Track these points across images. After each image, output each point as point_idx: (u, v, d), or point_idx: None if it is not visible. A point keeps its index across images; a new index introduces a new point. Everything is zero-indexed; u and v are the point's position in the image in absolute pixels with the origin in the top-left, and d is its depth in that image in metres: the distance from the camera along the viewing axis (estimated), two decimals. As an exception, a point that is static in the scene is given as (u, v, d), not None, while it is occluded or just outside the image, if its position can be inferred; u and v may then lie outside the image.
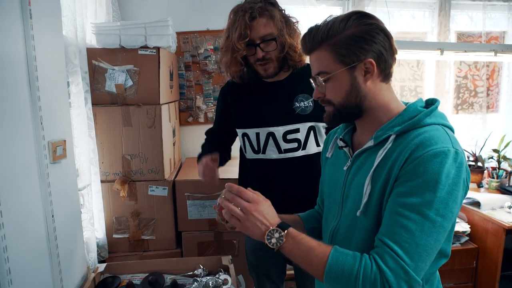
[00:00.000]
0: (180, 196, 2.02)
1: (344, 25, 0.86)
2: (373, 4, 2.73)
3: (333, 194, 1.02)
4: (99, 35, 1.83)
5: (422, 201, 0.77)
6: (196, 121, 2.60)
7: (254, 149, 1.53)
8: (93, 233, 1.79)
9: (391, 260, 0.76)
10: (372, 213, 0.86)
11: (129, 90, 1.90)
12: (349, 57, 0.86)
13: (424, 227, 0.76)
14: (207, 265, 1.69)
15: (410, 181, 0.79)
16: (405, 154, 0.81)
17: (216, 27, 2.53)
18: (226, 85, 1.62)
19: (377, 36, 0.85)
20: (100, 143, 1.91)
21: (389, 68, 0.89)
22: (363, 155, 0.93)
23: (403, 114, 0.88)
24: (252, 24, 1.36)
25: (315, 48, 0.90)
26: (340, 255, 0.81)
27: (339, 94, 0.89)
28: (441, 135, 0.81)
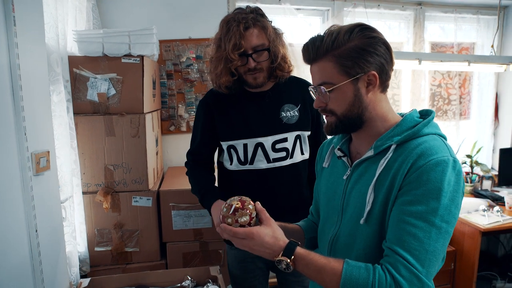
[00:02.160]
0: (165, 206, 1.99)
1: (348, 37, 0.87)
2: (351, 15, 2.80)
3: (331, 202, 1.03)
4: (81, 43, 1.79)
5: (427, 209, 0.80)
6: (178, 130, 2.57)
7: (240, 160, 1.51)
8: (75, 247, 1.73)
9: (404, 269, 0.79)
10: (374, 221, 0.88)
11: (112, 99, 1.86)
12: (353, 69, 0.87)
13: (431, 234, 0.79)
14: (195, 276, 1.67)
15: (414, 190, 0.81)
16: (407, 164, 0.83)
17: (198, 36, 2.52)
18: (209, 97, 1.56)
19: (380, 49, 0.88)
20: (82, 153, 1.86)
21: (388, 79, 0.92)
22: (363, 164, 0.94)
23: (402, 124, 0.90)
24: (245, 34, 1.36)
25: (319, 59, 0.91)
26: (353, 269, 0.82)
27: (342, 105, 0.91)
28: (440, 144, 0.85)
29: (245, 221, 0.92)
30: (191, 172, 1.63)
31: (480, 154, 3.12)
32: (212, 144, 1.59)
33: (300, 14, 2.77)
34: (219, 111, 1.52)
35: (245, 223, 0.91)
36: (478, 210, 2.56)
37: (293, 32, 2.69)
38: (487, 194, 2.82)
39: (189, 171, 1.64)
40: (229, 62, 1.38)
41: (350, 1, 2.78)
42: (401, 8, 2.93)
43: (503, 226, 2.37)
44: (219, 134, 1.53)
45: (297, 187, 1.55)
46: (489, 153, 3.30)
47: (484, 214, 2.49)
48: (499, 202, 2.70)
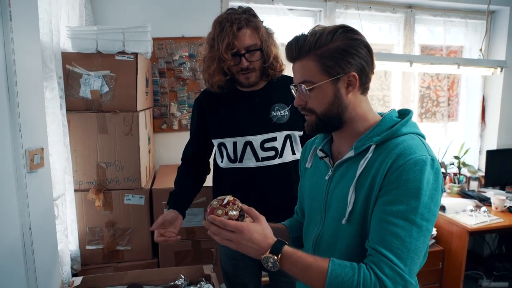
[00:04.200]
0: (157, 204, 1.98)
1: (331, 37, 0.89)
2: (343, 16, 2.84)
3: (314, 203, 1.04)
4: (75, 39, 1.77)
5: (407, 208, 0.81)
6: (170, 128, 2.56)
7: (230, 158, 1.52)
8: (66, 245, 1.71)
9: (387, 268, 0.80)
10: (356, 221, 0.90)
11: (105, 96, 1.85)
12: (334, 69, 0.89)
13: (412, 232, 0.81)
14: (188, 275, 1.67)
15: (394, 190, 0.83)
16: (387, 164, 0.85)
17: (191, 34, 2.52)
18: (201, 95, 1.60)
19: (361, 51, 0.89)
20: (74, 151, 1.84)
21: (369, 81, 0.94)
22: (344, 165, 0.95)
23: (381, 124, 0.92)
24: (238, 35, 1.37)
25: (301, 57, 0.92)
26: (339, 267, 0.83)
27: (322, 104, 0.92)
28: (418, 144, 0.87)
29: (234, 215, 0.93)
30: (177, 175, 1.67)
31: (467, 156, 3.18)
32: (203, 143, 1.61)
33: (292, 14, 2.79)
34: (211, 109, 1.54)
35: (233, 217, 0.93)
36: (466, 211, 2.62)
37: (285, 32, 2.71)
38: (474, 194, 2.89)
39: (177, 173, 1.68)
40: (222, 62, 1.39)
41: (342, 3, 2.82)
42: (392, 10, 2.97)
43: (489, 226, 2.43)
44: (210, 132, 1.55)
45: (287, 187, 1.55)
46: (476, 155, 3.38)
47: (471, 215, 2.54)
48: (485, 203, 2.76)
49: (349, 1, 2.81)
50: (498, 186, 3.11)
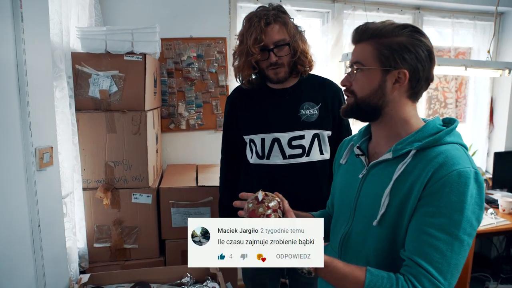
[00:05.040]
0: (164, 203, 2.00)
1: (397, 32, 0.89)
2: (351, 17, 2.83)
3: (345, 199, 1.04)
4: (84, 40, 1.80)
5: (450, 222, 0.80)
6: (178, 128, 2.58)
7: (258, 154, 1.54)
8: (74, 243, 1.73)
9: (427, 282, 0.79)
10: (387, 224, 0.89)
11: (114, 96, 1.87)
12: (388, 60, 0.89)
13: (454, 247, 0.80)
14: (194, 273, 1.68)
15: (437, 201, 0.81)
16: (428, 172, 0.83)
17: (199, 35, 2.53)
18: (233, 93, 1.65)
19: (421, 53, 0.88)
20: (83, 150, 1.86)
21: (419, 88, 0.92)
22: (380, 165, 0.95)
23: (423, 130, 0.90)
24: (266, 30, 1.40)
25: (363, 40, 0.93)
26: (376, 279, 0.83)
27: (364, 88, 0.92)
28: (462, 155, 0.85)
29: (275, 205, 0.93)
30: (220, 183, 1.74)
31: (475, 157, 3.16)
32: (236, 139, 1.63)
33: (300, 16, 2.79)
34: (242, 106, 1.58)
35: (276, 207, 0.93)
36: (473, 213, 2.59)
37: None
38: (481, 196, 2.86)
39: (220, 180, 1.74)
40: (250, 56, 1.42)
41: (350, 4, 2.81)
42: (400, 12, 2.96)
43: (496, 228, 2.41)
44: (240, 128, 1.58)
45: (313, 187, 1.55)
46: (484, 157, 3.35)
47: (478, 217, 2.52)
48: (493, 205, 2.73)
49: (357, 2, 2.80)
50: (505, 188, 3.08)
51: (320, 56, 2.77)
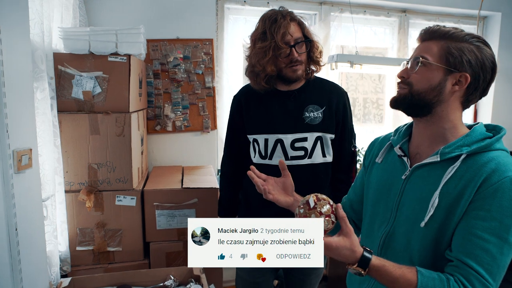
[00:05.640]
0: (149, 206, 1.98)
1: (468, 38, 0.92)
2: (338, 19, 2.85)
3: (384, 199, 1.04)
4: (67, 40, 1.77)
5: (501, 226, 0.83)
6: (164, 129, 2.56)
7: (261, 154, 1.56)
8: (55, 246, 1.70)
9: (478, 283, 0.83)
10: (435, 225, 0.91)
11: (97, 97, 1.85)
12: (455, 62, 0.91)
13: (503, 250, 0.84)
14: (178, 276, 1.67)
15: (488, 206, 0.84)
16: (480, 177, 0.86)
17: (186, 36, 2.52)
18: (240, 92, 1.66)
19: (487, 65, 0.92)
20: (65, 152, 1.84)
21: (473, 97, 0.95)
22: (425, 168, 0.96)
23: (471, 135, 0.92)
24: (290, 26, 1.44)
25: (432, 39, 0.95)
26: (428, 280, 0.85)
27: (423, 82, 0.94)
28: (510, 162, 0.88)
29: (328, 210, 0.90)
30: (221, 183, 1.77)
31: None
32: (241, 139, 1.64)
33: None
34: (248, 105, 1.60)
35: (328, 212, 0.90)
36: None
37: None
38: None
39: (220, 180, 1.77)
40: (278, 50, 1.43)
41: (337, 6, 2.83)
42: (386, 14, 2.98)
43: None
44: (246, 128, 1.60)
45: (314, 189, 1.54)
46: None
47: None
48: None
49: (344, 5, 2.82)
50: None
51: (307, 58, 2.78)
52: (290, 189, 1.20)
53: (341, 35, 2.88)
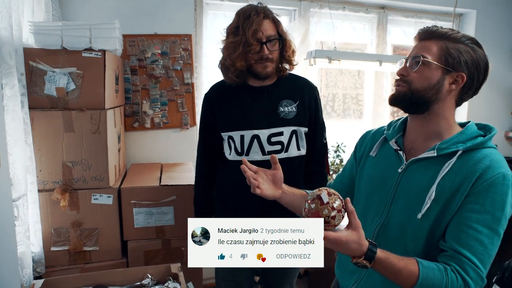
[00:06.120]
0: (126, 204, 1.95)
1: (464, 39, 0.96)
2: (317, 15, 2.85)
3: (378, 192, 1.07)
4: (38, 35, 1.72)
5: (493, 218, 0.90)
6: (142, 126, 2.52)
7: (237, 151, 1.55)
8: (28, 247, 1.66)
9: (472, 272, 0.90)
10: (431, 217, 0.96)
11: (72, 93, 1.80)
12: (453, 62, 0.95)
13: (494, 240, 0.91)
14: (155, 274, 1.65)
15: (482, 200, 0.91)
16: (475, 173, 0.92)
17: (164, 31, 2.48)
18: (210, 91, 1.64)
19: (481, 66, 0.97)
20: (38, 150, 1.79)
21: (466, 96, 1.00)
22: (422, 162, 1.00)
23: (466, 133, 0.98)
24: (263, 23, 1.43)
25: (431, 38, 0.98)
26: (428, 270, 0.90)
27: (422, 81, 0.97)
28: (503, 159, 0.95)
29: (339, 205, 0.89)
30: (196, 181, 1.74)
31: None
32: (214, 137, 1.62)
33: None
34: (220, 103, 1.58)
35: (340, 207, 0.89)
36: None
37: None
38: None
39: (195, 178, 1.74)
40: (248, 46, 1.43)
41: (317, 2, 2.83)
42: (365, 11, 3.01)
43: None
44: (219, 125, 1.58)
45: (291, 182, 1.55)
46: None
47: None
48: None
49: (323, 1, 2.83)
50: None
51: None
52: (279, 182, 1.21)
53: (321, 31, 2.89)
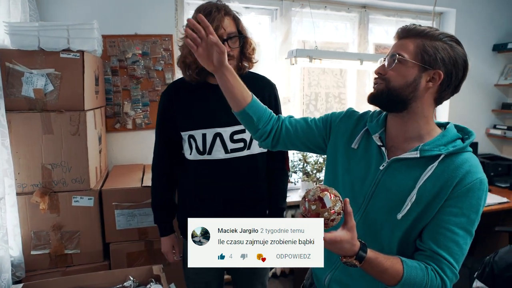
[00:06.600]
0: (107, 205, 1.93)
1: (442, 37, 0.96)
2: (299, 15, 2.87)
3: (357, 186, 1.07)
4: (14, 36, 1.69)
5: (468, 221, 0.95)
6: (124, 127, 2.50)
7: (199, 150, 1.53)
8: (6, 252, 1.63)
9: (449, 271, 0.95)
10: (410, 218, 0.98)
11: (50, 95, 1.78)
12: (429, 59, 0.95)
13: (467, 241, 0.96)
14: (137, 276, 1.64)
15: (461, 203, 0.94)
16: (455, 178, 0.94)
17: (145, 32, 2.47)
18: (169, 88, 1.60)
19: (460, 63, 0.97)
20: (16, 152, 1.76)
21: (445, 94, 1.00)
22: (403, 162, 1.00)
23: (447, 135, 1.00)
24: (224, 20, 1.41)
25: (409, 37, 0.98)
26: (412, 270, 0.94)
27: (399, 79, 0.98)
28: (479, 164, 0.98)
29: (340, 208, 0.88)
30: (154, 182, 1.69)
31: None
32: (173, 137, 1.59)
33: (253, 13, 2.79)
34: (179, 102, 1.55)
35: (340, 209, 0.88)
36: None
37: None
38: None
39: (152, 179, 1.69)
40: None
41: (298, 2, 2.85)
42: (346, 10, 3.03)
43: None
44: (178, 125, 1.55)
45: (254, 179, 1.58)
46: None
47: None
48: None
49: (304, 0, 2.84)
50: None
51: (269, 53, 2.79)
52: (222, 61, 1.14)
53: (303, 30, 2.91)
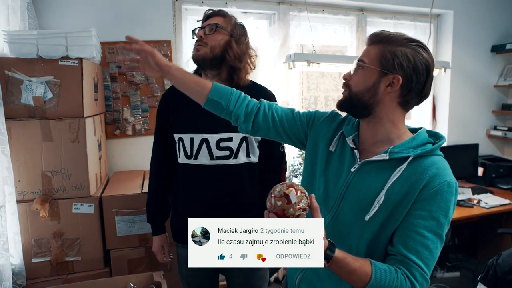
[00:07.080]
0: (108, 212, 1.93)
1: (405, 42, 0.97)
2: (297, 18, 2.88)
3: (331, 187, 1.08)
4: (13, 44, 1.70)
5: (438, 224, 0.94)
6: (124, 133, 2.51)
7: (186, 153, 1.54)
8: (7, 260, 1.63)
9: (419, 275, 0.94)
10: (378, 220, 0.98)
11: (49, 102, 1.79)
12: (388, 64, 0.97)
13: (438, 244, 0.96)
14: (138, 283, 1.64)
15: (429, 206, 0.94)
16: (423, 180, 0.94)
17: (143, 38, 2.43)
18: (169, 90, 1.64)
19: (419, 67, 0.96)
20: (16, 160, 1.76)
21: (410, 98, 1.00)
22: (374, 164, 1.01)
23: (417, 139, 1.01)
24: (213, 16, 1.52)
25: (374, 43, 1.01)
26: (381, 272, 0.93)
27: (359, 84, 1.00)
28: (448, 167, 0.99)
29: (306, 203, 0.89)
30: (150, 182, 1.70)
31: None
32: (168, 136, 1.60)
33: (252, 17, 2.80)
34: (175, 104, 1.57)
35: (306, 205, 0.88)
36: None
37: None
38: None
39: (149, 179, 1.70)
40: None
41: (296, 6, 2.86)
42: (344, 13, 3.04)
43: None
44: (172, 126, 1.57)
45: (239, 188, 1.56)
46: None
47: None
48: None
49: (302, 4, 2.85)
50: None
51: (267, 57, 2.80)
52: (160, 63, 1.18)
53: (301, 34, 2.91)
